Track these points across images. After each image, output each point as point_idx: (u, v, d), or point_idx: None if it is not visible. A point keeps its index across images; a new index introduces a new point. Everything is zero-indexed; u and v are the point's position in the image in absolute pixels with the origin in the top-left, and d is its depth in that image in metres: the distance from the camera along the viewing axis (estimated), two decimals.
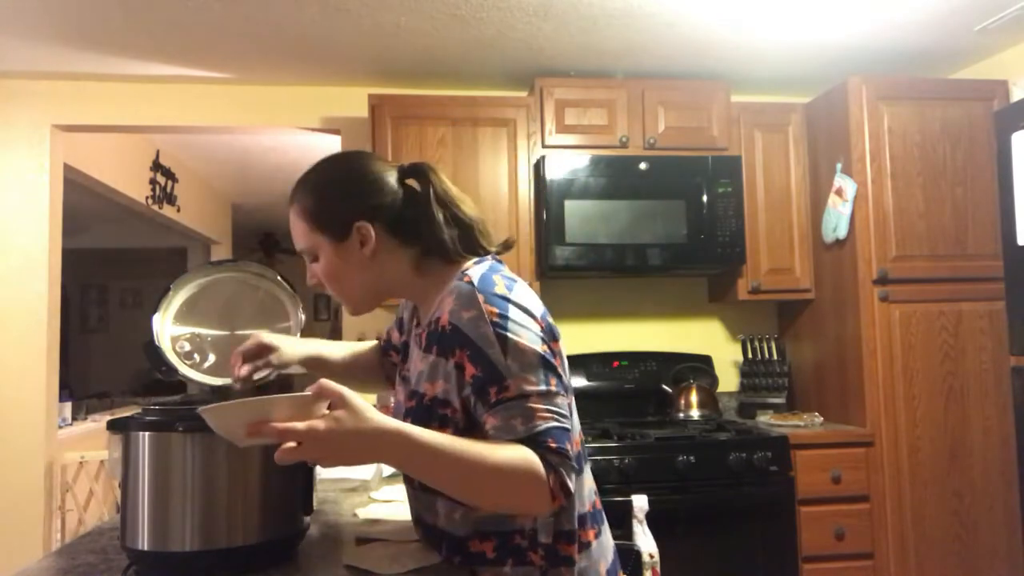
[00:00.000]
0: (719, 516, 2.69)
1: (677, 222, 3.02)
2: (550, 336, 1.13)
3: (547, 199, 2.94)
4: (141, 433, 1.16)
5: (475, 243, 1.23)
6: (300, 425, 0.92)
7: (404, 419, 1.17)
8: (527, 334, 1.08)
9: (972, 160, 2.97)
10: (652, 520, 2.24)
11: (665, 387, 3.27)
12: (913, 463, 2.82)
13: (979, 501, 2.84)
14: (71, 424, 3.97)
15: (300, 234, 1.22)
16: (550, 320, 1.16)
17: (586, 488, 1.19)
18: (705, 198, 3.03)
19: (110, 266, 8.28)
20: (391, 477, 1.98)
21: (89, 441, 3.89)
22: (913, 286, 2.89)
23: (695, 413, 3.15)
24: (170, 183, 4.89)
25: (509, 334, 1.07)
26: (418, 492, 1.20)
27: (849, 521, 2.79)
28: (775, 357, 3.35)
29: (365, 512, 1.53)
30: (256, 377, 1.35)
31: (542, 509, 1.04)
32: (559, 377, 1.09)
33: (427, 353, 1.15)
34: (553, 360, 1.10)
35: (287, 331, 1.42)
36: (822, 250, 3.13)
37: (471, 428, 1.11)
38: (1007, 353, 2.62)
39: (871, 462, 2.82)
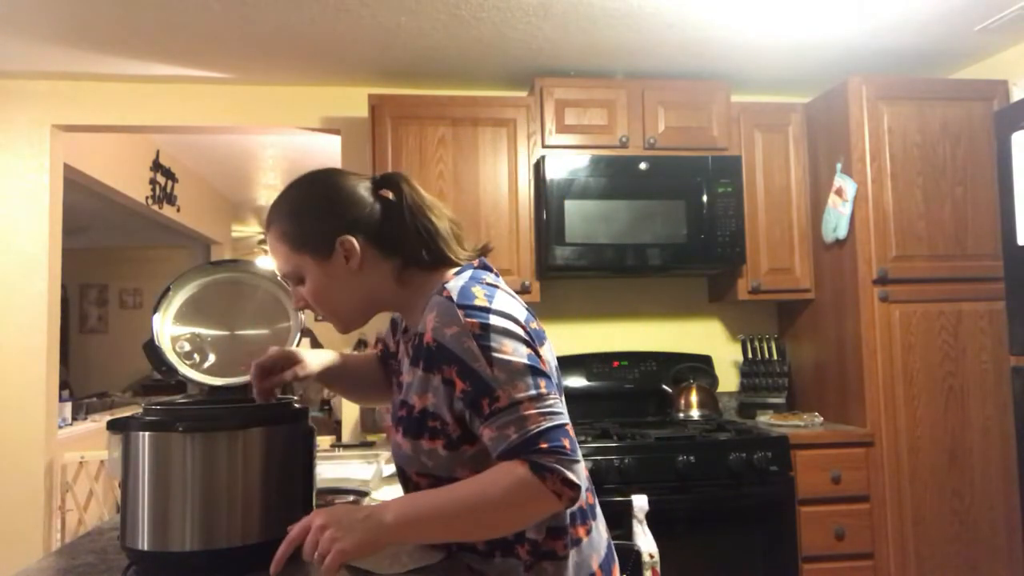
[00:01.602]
0: (719, 516, 2.69)
1: (677, 222, 3.01)
2: (536, 341, 1.14)
3: (547, 199, 2.94)
4: (141, 433, 1.16)
5: (450, 250, 1.22)
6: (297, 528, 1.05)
7: (396, 426, 1.20)
8: (510, 343, 1.09)
9: (972, 160, 2.97)
10: (652, 520, 2.24)
11: (665, 387, 3.27)
12: (913, 463, 2.82)
13: (979, 501, 2.84)
14: (71, 424, 3.97)
15: (283, 258, 1.22)
16: (534, 325, 1.17)
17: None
18: (705, 198, 3.03)
19: (110, 266, 8.28)
20: (391, 477, 1.98)
21: (89, 441, 3.89)
22: (913, 286, 2.89)
23: (695, 413, 3.15)
24: (170, 183, 4.89)
25: (492, 344, 1.08)
26: (419, 488, 1.21)
27: (849, 521, 2.79)
28: (775, 357, 3.35)
29: None
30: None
31: (555, 509, 1.06)
32: (548, 378, 1.10)
33: (414, 366, 1.16)
34: (539, 364, 1.10)
35: (287, 331, 1.42)
36: (822, 250, 3.13)
37: (464, 440, 1.12)
38: (1007, 353, 2.62)
39: (871, 462, 2.82)
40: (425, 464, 1.16)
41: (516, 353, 1.08)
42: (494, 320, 1.10)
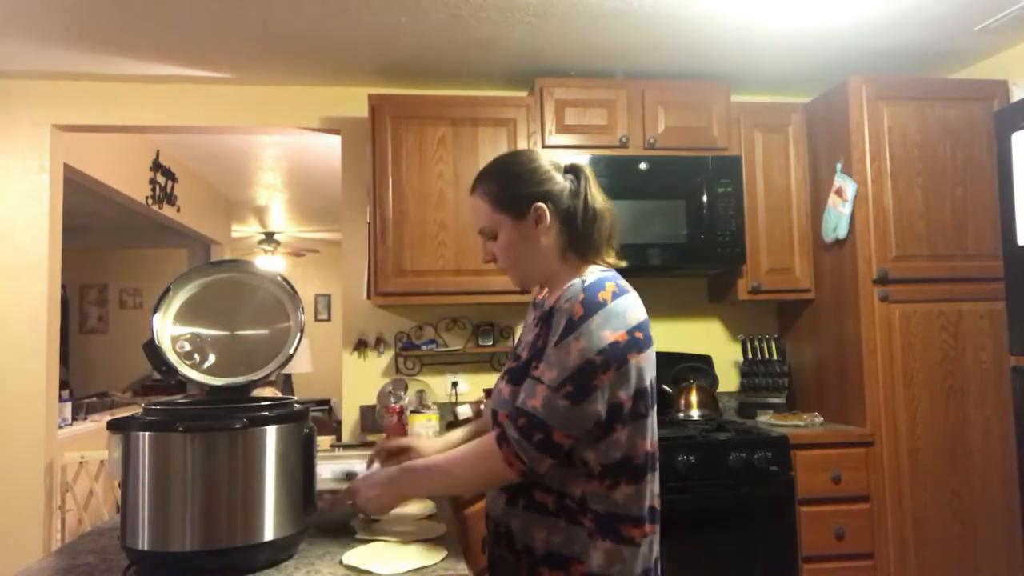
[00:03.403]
0: (719, 516, 2.69)
1: (677, 222, 3.01)
2: (634, 348, 1.29)
3: None
4: (141, 433, 1.17)
5: (602, 248, 1.40)
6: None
7: (503, 376, 1.40)
8: (587, 342, 1.24)
9: (972, 160, 2.97)
10: None
11: (665, 387, 3.27)
12: (913, 463, 2.82)
13: (979, 501, 2.84)
14: (71, 424, 3.97)
15: (484, 215, 1.41)
16: (641, 335, 1.31)
17: (656, 488, 1.37)
18: (705, 198, 3.03)
19: (110, 266, 8.28)
20: None
21: (89, 441, 3.89)
22: (913, 286, 2.89)
23: (695, 413, 3.15)
24: (170, 183, 4.89)
25: (572, 334, 1.25)
26: None
27: (849, 521, 2.79)
28: (775, 357, 3.35)
29: None
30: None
31: (506, 475, 1.27)
32: (586, 390, 1.23)
33: (536, 327, 1.37)
34: (597, 374, 1.24)
35: (287, 332, 1.42)
36: (822, 250, 3.13)
37: None
38: (1007, 353, 2.62)
39: (871, 462, 2.82)
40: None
41: (581, 353, 1.24)
42: (598, 317, 1.26)
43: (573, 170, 1.42)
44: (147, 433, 1.16)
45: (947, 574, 2.80)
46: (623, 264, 1.44)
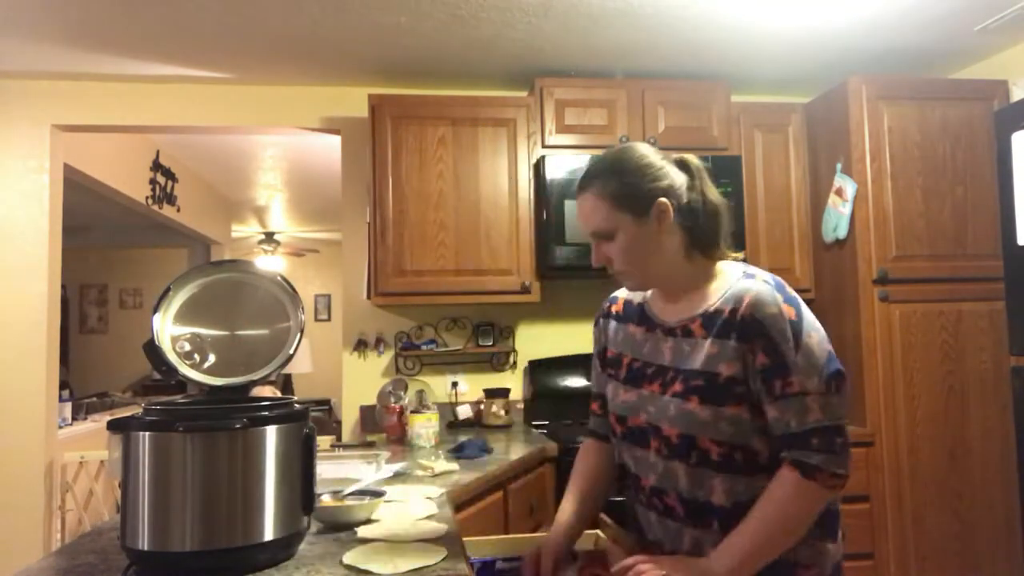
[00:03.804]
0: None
1: None
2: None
3: (547, 199, 2.93)
4: (141, 433, 1.17)
5: (723, 242, 1.34)
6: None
7: (688, 395, 1.25)
8: (816, 336, 1.22)
9: (972, 160, 2.97)
10: None
11: None
12: (913, 463, 2.82)
13: (979, 501, 2.84)
14: (71, 424, 3.97)
15: (601, 215, 1.30)
16: None
17: None
18: None
19: (110, 266, 8.28)
20: (391, 478, 1.98)
21: (89, 441, 3.89)
22: (913, 286, 2.89)
23: None
24: (170, 183, 4.89)
25: (803, 334, 1.20)
26: (692, 468, 1.27)
27: (849, 521, 2.77)
28: None
29: None
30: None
31: (824, 502, 1.25)
32: (842, 377, 1.21)
33: (721, 339, 1.25)
34: (838, 363, 1.22)
35: (287, 332, 1.42)
36: (822, 250, 3.13)
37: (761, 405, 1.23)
38: (1007, 353, 2.62)
39: (871, 462, 2.82)
40: (724, 430, 1.23)
41: (819, 346, 1.21)
42: (805, 312, 1.24)
43: (683, 164, 1.34)
44: (147, 433, 1.16)
45: (947, 574, 2.80)
46: (741, 256, 1.40)
